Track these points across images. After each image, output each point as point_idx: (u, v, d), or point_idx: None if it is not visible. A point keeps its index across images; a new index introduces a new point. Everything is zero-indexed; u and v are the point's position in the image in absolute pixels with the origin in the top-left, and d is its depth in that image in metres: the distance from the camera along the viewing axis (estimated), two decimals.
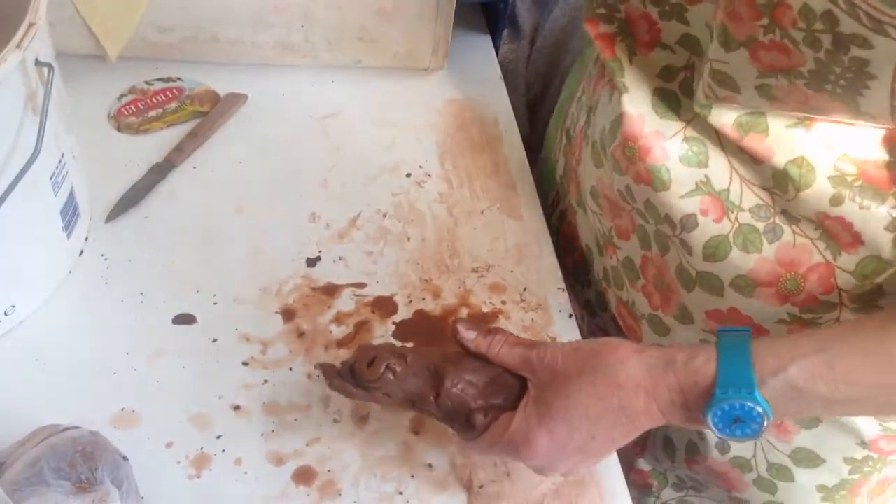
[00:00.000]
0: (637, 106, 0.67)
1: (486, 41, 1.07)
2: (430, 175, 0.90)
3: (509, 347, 0.61)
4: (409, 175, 0.90)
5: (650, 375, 0.56)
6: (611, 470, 0.70)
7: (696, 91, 0.62)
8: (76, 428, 0.62)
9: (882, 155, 0.58)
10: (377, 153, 0.92)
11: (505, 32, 1.10)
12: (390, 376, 0.61)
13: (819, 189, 0.60)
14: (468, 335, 0.62)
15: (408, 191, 0.88)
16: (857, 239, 0.60)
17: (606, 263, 0.79)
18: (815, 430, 0.70)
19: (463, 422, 0.62)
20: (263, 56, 0.96)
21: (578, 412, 0.57)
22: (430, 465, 0.69)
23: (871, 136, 0.57)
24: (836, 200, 0.60)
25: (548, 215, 0.90)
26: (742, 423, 0.55)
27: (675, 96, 0.66)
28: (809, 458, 0.72)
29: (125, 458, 0.62)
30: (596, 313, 0.86)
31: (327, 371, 0.64)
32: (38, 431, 0.61)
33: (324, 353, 0.74)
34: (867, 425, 0.68)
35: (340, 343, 0.75)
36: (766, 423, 0.54)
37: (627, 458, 0.84)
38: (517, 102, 1.17)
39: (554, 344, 0.61)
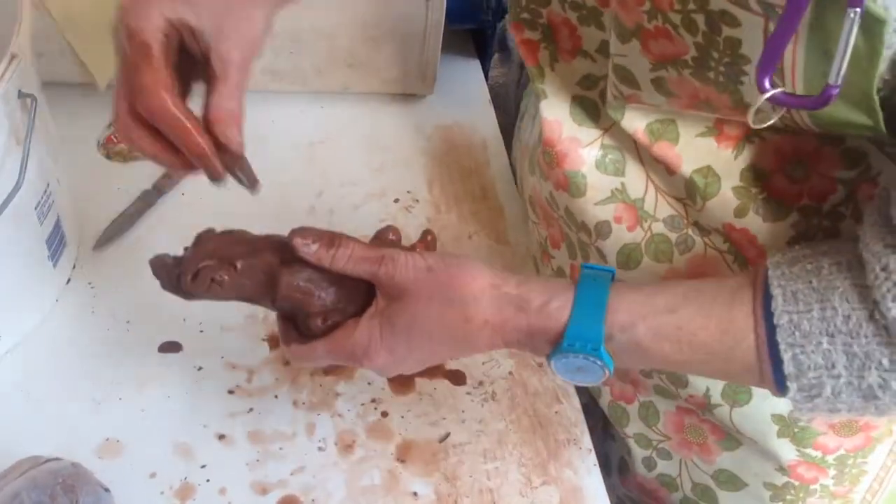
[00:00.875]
0: (555, 112, 0.67)
1: (475, 66, 1.07)
2: (417, 200, 0.90)
3: (355, 263, 0.57)
4: (396, 200, 0.90)
5: (500, 313, 0.55)
6: (596, 488, 0.70)
7: (606, 92, 0.63)
8: (57, 460, 0.61)
9: (788, 168, 0.58)
10: (365, 179, 0.92)
11: (495, 56, 1.11)
12: (218, 287, 0.58)
13: (724, 199, 0.60)
14: (308, 249, 0.57)
15: (395, 216, 0.88)
16: (761, 253, 0.61)
17: (544, 273, 0.80)
18: (735, 451, 0.71)
19: (302, 325, 0.59)
20: (252, 82, 0.96)
21: (422, 334, 0.56)
22: (415, 494, 0.68)
23: (777, 148, 0.58)
24: (741, 212, 0.60)
25: None
26: (583, 372, 0.54)
27: (594, 104, 0.66)
28: (731, 481, 0.73)
29: (107, 490, 0.62)
30: None
31: (158, 271, 0.61)
32: (18, 464, 0.61)
33: (310, 380, 0.74)
34: (785, 450, 0.68)
35: (327, 370, 0.75)
36: (606, 375, 0.54)
37: None
38: (508, 126, 1.18)
39: (405, 257, 0.56)
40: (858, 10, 0.41)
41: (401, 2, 0.91)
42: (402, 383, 0.75)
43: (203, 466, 0.68)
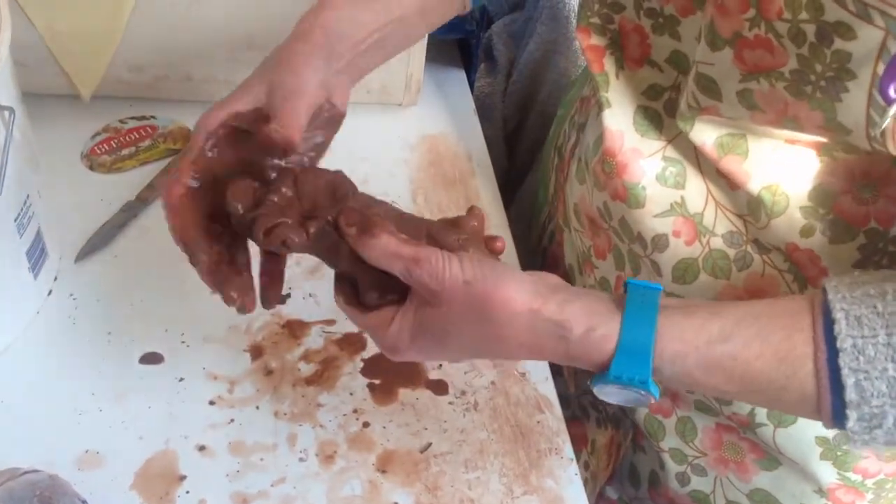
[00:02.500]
0: (618, 122, 0.66)
1: (460, 76, 1.08)
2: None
3: (387, 259, 0.54)
4: None
5: (537, 339, 0.53)
6: (577, 498, 0.70)
7: (679, 103, 0.62)
8: (35, 471, 0.61)
9: (857, 190, 0.57)
10: None
11: (482, 66, 1.11)
12: (284, 248, 0.57)
13: (790, 218, 0.59)
14: (350, 231, 0.55)
15: None
16: (823, 273, 0.60)
17: (585, 282, 0.79)
18: (774, 472, 0.70)
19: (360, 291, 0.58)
20: None
21: (455, 343, 0.55)
22: None
23: (848, 168, 0.57)
24: (807, 232, 0.59)
25: (539, 235, 0.90)
26: (626, 399, 0.53)
27: (658, 115, 0.65)
28: (766, 500, 0.72)
29: (84, 502, 0.62)
30: None
31: (238, 197, 0.59)
32: None
33: (291, 390, 0.74)
34: (826, 473, 0.67)
35: (309, 381, 0.75)
36: (650, 402, 0.52)
37: (596, 486, 0.83)
38: (495, 136, 1.18)
39: (441, 263, 0.53)
40: None
41: None
42: (384, 393, 0.75)
43: (183, 478, 0.68)
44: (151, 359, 0.75)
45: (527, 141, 1.18)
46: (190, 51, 0.92)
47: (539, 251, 0.91)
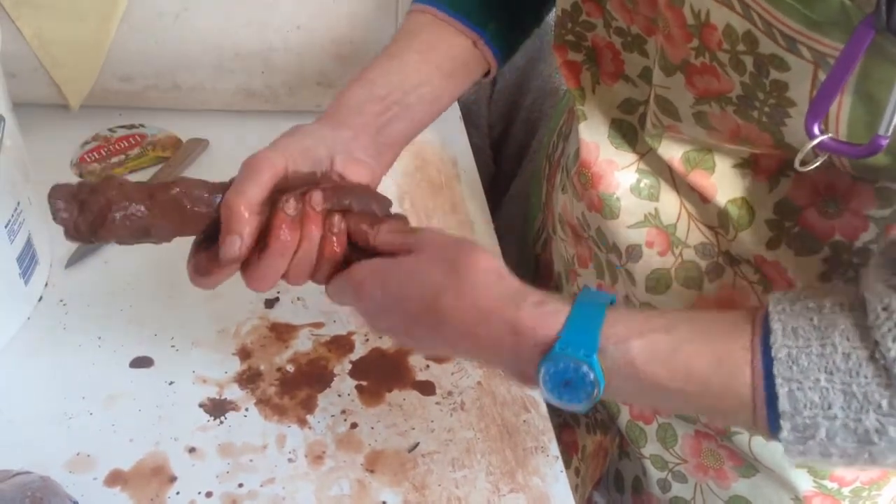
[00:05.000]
0: (593, 134, 0.68)
1: None
2: None
3: (391, 234, 0.58)
4: None
5: (494, 301, 0.53)
6: (563, 495, 0.71)
7: (646, 120, 0.64)
8: (26, 473, 0.62)
9: (822, 204, 0.58)
10: None
11: None
12: (132, 223, 0.58)
13: (756, 231, 0.61)
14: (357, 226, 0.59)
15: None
16: (790, 285, 0.61)
17: (570, 291, 0.80)
18: (751, 479, 0.71)
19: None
20: (224, 102, 0.98)
21: (416, 291, 0.55)
22: (384, 503, 0.69)
23: (812, 183, 0.58)
24: (773, 244, 0.60)
25: (532, 243, 0.91)
26: (571, 388, 0.51)
27: (632, 128, 0.67)
28: None
29: (76, 503, 0.62)
30: None
31: (60, 197, 0.58)
32: None
33: (280, 392, 0.75)
34: (802, 480, 0.68)
35: (297, 383, 0.76)
36: (595, 393, 0.51)
37: (586, 492, 0.84)
38: (481, 142, 1.20)
39: (430, 232, 0.58)
40: None
41: (371, 20, 0.93)
42: (372, 394, 0.76)
43: (173, 479, 0.69)
44: (141, 363, 0.76)
45: (512, 147, 1.19)
46: (178, 60, 0.93)
47: (532, 258, 0.92)
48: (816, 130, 0.48)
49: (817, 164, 0.50)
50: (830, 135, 0.48)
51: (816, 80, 0.48)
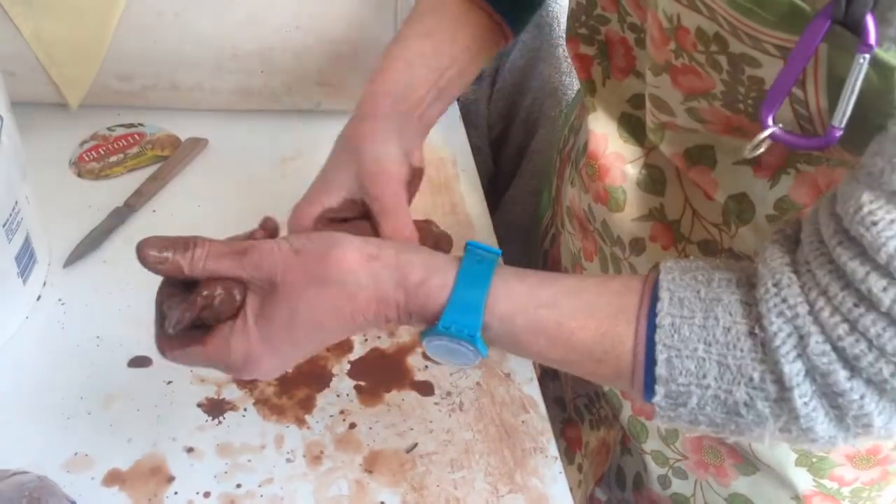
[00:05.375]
0: (602, 126, 0.68)
1: None
2: None
3: (215, 260, 0.52)
4: None
5: (380, 287, 0.52)
6: (562, 496, 0.71)
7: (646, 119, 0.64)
8: (24, 473, 0.62)
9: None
10: None
11: None
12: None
13: (757, 227, 0.60)
14: (161, 256, 0.53)
15: None
16: None
17: None
18: (751, 477, 0.71)
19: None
20: (224, 101, 0.98)
21: (306, 325, 0.52)
22: None
23: (813, 181, 0.58)
24: None
25: (541, 238, 0.91)
26: (455, 355, 0.53)
27: (641, 123, 0.66)
28: None
29: (73, 503, 0.62)
30: None
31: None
32: None
33: (278, 392, 0.75)
34: (802, 479, 0.68)
35: (295, 383, 0.76)
36: (478, 360, 0.53)
37: (589, 488, 0.84)
38: (480, 142, 1.19)
39: (269, 244, 0.53)
40: (867, 56, 0.42)
41: (369, 20, 0.93)
42: (370, 395, 0.76)
43: (171, 479, 0.68)
44: (140, 362, 0.76)
45: (511, 146, 1.19)
46: (177, 60, 0.93)
47: (541, 254, 0.92)
48: (770, 121, 0.48)
49: (762, 149, 0.50)
50: (780, 125, 0.49)
51: None
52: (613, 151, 0.67)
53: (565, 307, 0.51)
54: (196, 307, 0.52)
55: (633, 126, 0.67)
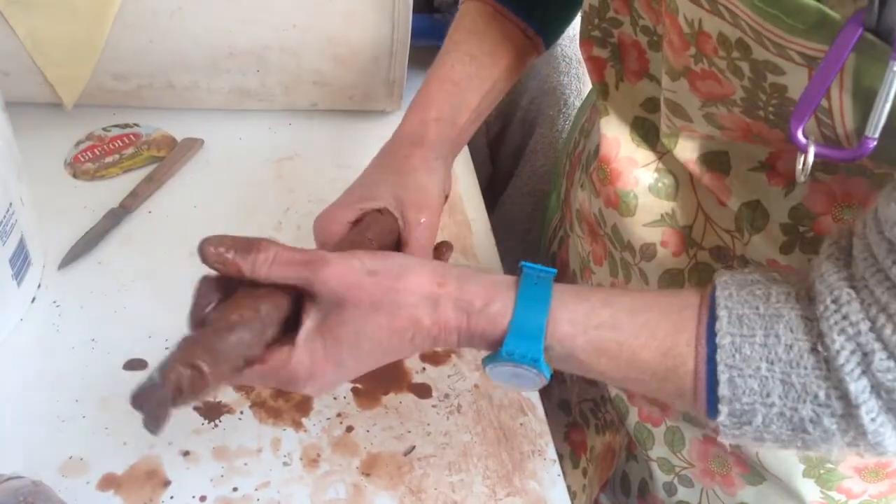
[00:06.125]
0: (614, 130, 0.67)
1: None
2: None
3: (281, 267, 0.52)
4: None
5: (444, 315, 0.52)
6: (560, 499, 0.70)
7: (661, 124, 0.63)
8: (19, 478, 0.61)
9: (837, 211, 0.58)
10: (333, 195, 0.91)
11: None
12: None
13: (770, 235, 0.60)
14: (222, 255, 0.51)
15: None
16: None
17: None
18: (758, 487, 0.70)
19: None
20: (220, 101, 0.97)
21: (371, 345, 0.52)
22: None
23: (828, 190, 0.58)
24: (786, 248, 0.60)
25: (549, 240, 0.91)
26: (518, 379, 0.53)
27: (654, 128, 0.66)
28: None
29: None
30: None
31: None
32: None
33: (275, 395, 0.74)
34: (809, 490, 0.67)
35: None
36: (542, 382, 0.53)
37: (593, 493, 0.84)
38: (478, 142, 1.19)
39: (341, 259, 0.52)
40: None
41: (366, 20, 0.92)
42: (368, 397, 0.75)
43: (167, 483, 0.68)
44: (135, 365, 0.75)
45: (509, 146, 1.19)
46: (173, 59, 0.92)
47: (549, 256, 0.92)
48: (800, 134, 0.48)
49: (808, 170, 0.49)
50: (814, 139, 0.48)
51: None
52: (625, 155, 0.66)
53: (626, 327, 0.51)
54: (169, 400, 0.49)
55: (646, 130, 0.66)
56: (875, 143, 0.45)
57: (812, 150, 0.48)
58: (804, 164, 0.49)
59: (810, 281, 0.48)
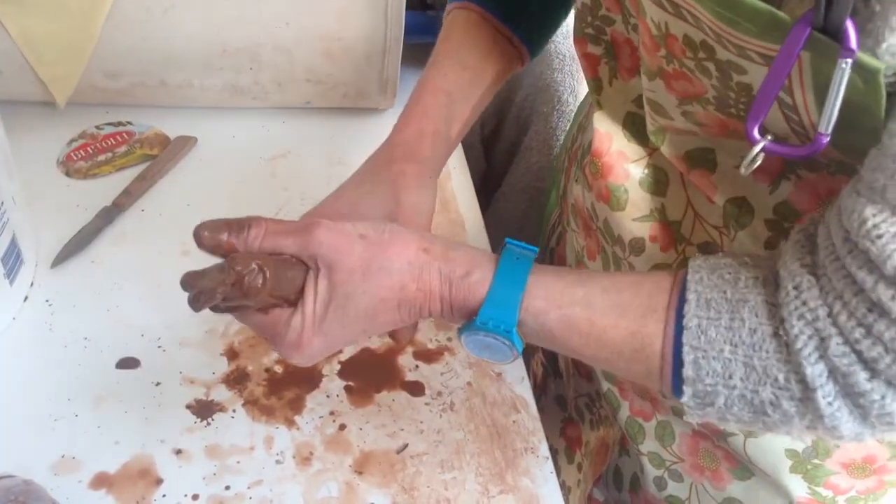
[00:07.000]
0: (607, 124, 0.68)
1: None
2: None
3: (273, 237, 0.54)
4: None
5: (429, 281, 0.53)
6: (553, 496, 0.70)
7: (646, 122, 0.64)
8: (10, 477, 0.61)
9: (822, 209, 0.58)
10: (326, 192, 0.92)
11: None
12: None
13: (755, 231, 0.60)
14: (217, 238, 0.54)
15: None
16: None
17: None
18: (746, 482, 0.70)
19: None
20: (213, 99, 0.97)
21: (356, 311, 0.53)
22: None
23: (813, 187, 0.58)
24: (770, 244, 0.60)
25: (548, 236, 0.91)
26: (491, 350, 0.54)
27: (645, 123, 0.66)
28: None
29: None
30: None
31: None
32: None
33: (267, 393, 0.74)
34: (796, 486, 0.67)
35: (285, 383, 0.75)
36: (514, 355, 0.54)
37: (588, 488, 0.84)
38: (472, 140, 1.19)
39: (331, 224, 0.54)
40: (850, 60, 0.42)
41: (359, 17, 0.92)
42: (360, 395, 0.75)
43: (160, 481, 0.68)
44: (128, 364, 0.75)
45: (503, 144, 1.19)
46: (165, 57, 0.92)
47: (547, 252, 0.92)
48: (756, 133, 0.49)
49: (757, 163, 0.50)
50: (770, 138, 0.49)
51: None
52: (617, 150, 0.67)
53: (598, 305, 0.52)
54: (227, 283, 0.52)
55: (637, 126, 0.67)
56: (828, 138, 0.45)
57: (761, 146, 0.49)
58: (751, 159, 0.50)
59: (776, 267, 0.49)
